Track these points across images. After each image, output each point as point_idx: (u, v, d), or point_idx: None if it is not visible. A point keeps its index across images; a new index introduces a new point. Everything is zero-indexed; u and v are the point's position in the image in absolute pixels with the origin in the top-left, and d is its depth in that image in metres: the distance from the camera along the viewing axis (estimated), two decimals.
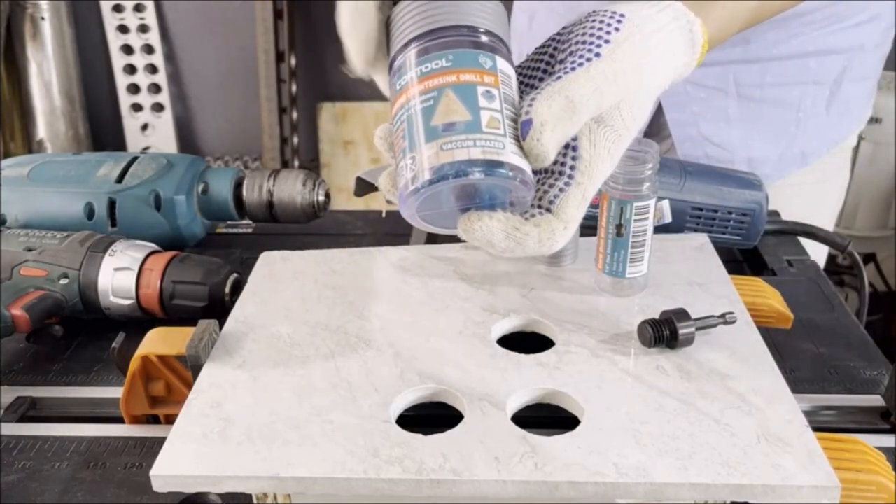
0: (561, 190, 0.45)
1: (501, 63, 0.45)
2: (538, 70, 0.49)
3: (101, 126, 2.45)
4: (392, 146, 0.46)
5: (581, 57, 0.45)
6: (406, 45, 0.45)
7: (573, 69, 0.45)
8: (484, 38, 0.45)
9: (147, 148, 2.42)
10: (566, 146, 0.46)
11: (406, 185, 0.43)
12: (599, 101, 0.45)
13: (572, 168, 0.45)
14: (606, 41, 0.46)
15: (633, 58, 0.46)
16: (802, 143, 0.89)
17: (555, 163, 0.46)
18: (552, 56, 0.48)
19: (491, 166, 0.41)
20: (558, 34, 0.49)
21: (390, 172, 0.46)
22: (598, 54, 0.45)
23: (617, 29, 0.46)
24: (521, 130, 0.43)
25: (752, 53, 0.84)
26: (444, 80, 0.43)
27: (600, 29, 0.46)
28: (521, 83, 0.49)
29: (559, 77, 0.45)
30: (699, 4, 0.50)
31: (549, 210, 0.45)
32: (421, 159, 0.42)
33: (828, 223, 0.96)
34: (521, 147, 0.43)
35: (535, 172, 0.45)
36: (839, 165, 0.95)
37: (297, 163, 2.42)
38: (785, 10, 0.60)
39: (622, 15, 0.47)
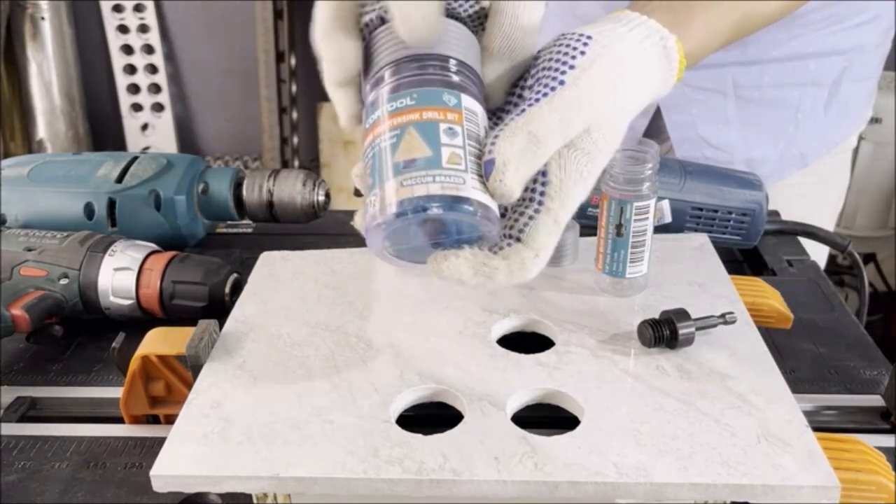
0: (531, 218, 0.44)
1: (467, 100, 0.44)
2: (513, 95, 0.47)
3: (101, 126, 2.45)
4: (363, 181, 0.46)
5: (545, 86, 0.44)
6: (376, 83, 0.45)
7: (537, 101, 0.44)
8: (453, 78, 0.45)
9: (147, 148, 2.42)
10: None
11: (371, 220, 0.43)
12: (566, 131, 0.43)
13: (542, 194, 0.44)
14: (571, 66, 0.44)
15: (600, 81, 0.44)
16: (802, 144, 0.89)
17: (524, 189, 0.44)
18: (525, 80, 0.47)
19: (450, 202, 0.41)
20: (534, 59, 0.48)
21: (362, 212, 0.46)
22: (562, 82, 0.44)
23: (583, 53, 0.45)
24: (484, 170, 0.42)
25: (750, 55, 0.84)
26: (407, 117, 0.43)
27: (566, 54, 0.45)
28: (497, 110, 0.48)
29: (523, 111, 0.43)
30: (676, 21, 0.48)
31: (518, 239, 0.44)
32: (383, 195, 0.42)
33: (828, 223, 0.96)
34: (484, 184, 0.42)
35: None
36: (839, 166, 0.95)
37: (297, 163, 2.42)
38: (772, 23, 0.59)
39: (589, 37, 0.45)
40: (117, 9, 2.31)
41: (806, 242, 0.79)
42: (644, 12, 0.48)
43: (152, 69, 2.38)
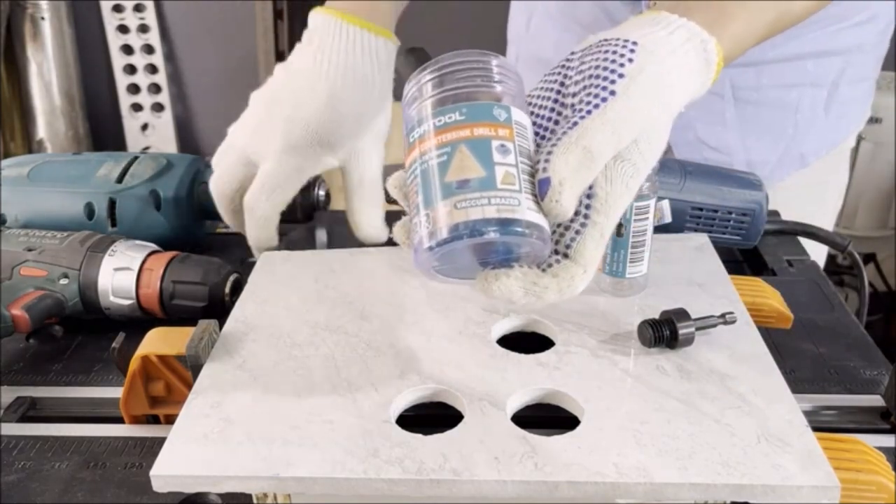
0: (577, 233, 0.43)
1: (516, 114, 0.43)
2: (548, 100, 0.46)
3: (101, 126, 2.45)
4: (407, 196, 0.45)
5: (595, 97, 0.43)
6: (420, 96, 0.44)
7: (588, 112, 0.43)
8: (498, 88, 0.43)
9: (147, 148, 2.41)
10: None
11: (420, 242, 0.42)
12: (617, 143, 0.43)
13: (587, 207, 0.43)
14: (621, 75, 0.43)
15: (649, 90, 0.43)
16: (801, 145, 0.89)
17: None
18: (562, 85, 0.46)
19: (506, 224, 0.40)
20: (567, 60, 0.47)
21: (404, 223, 0.45)
22: (612, 92, 0.43)
23: (630, 60, 0.44)
24: (538, 189, 0.42)
25: (748, 56, 0.83)
26: (458, 134, 0.42)
27: (613, 61, 0.44)
28: (539, 118, 0.47)
29: (575, 124, 0.43)
30: (714, 22, 0.47)
31: (566, 255, 0.43)
32: (435, 217, 0.41)
33: (828, 223, 0.96)
34: (537, 202, 0.42)
35: None
36: (837, 166, 0.95)
37: None
38: (801, 21, 0.58)
39: (635, 43, 0.44)
40: (117, 9, 2.31)
41: (805, 242, 0.79)
42: (681, 13, 0.47)
43: (152, 69, 2.38)
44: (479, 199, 0.40)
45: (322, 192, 0.77)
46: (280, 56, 2.30)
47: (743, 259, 0.79)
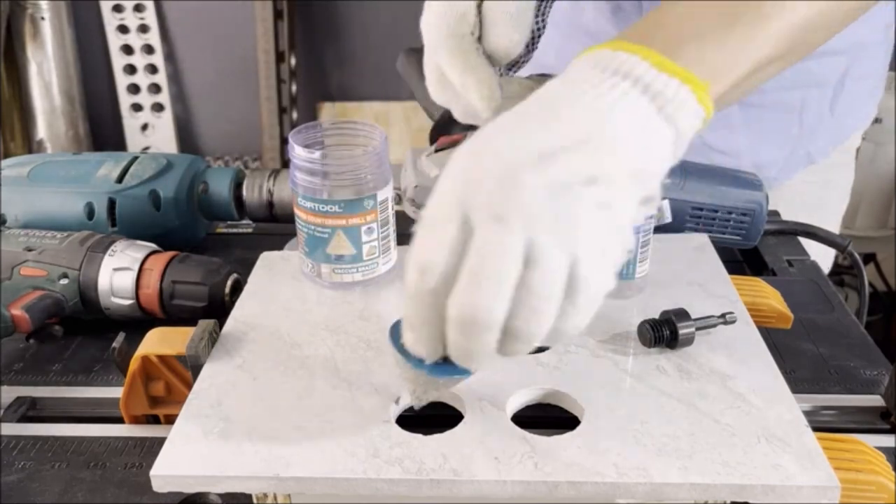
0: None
1: (381, 193, 0.57)
2: None
3: (101, 126, 2.45)
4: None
5: None
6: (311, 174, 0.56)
7: None
8: (371, 184, 0.56)
9: (147, 148, 2.41)
10: None
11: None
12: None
13: None
14: None
15: None
16: (808, 145, 0.89)
17: None
18: None
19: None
20: None
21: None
22: None
23: None
24: None
25: None
26: (335, 221, 0.56)
27: None
28: None
29: None
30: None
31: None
32: (318, 270, 0.59)
33: (833, 223, 0.96)
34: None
35: None
36: (843, 165, 0.95)
37: None
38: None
39: None
40: (117, 9, 2.31)
41: (813, 246, 0.79)
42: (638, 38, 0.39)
43: (152, 69, 2.38)
44: (349, 268, 0.58)
45: None
46: (280, 56, 2.30)
47: (743, 259, 0.79)
